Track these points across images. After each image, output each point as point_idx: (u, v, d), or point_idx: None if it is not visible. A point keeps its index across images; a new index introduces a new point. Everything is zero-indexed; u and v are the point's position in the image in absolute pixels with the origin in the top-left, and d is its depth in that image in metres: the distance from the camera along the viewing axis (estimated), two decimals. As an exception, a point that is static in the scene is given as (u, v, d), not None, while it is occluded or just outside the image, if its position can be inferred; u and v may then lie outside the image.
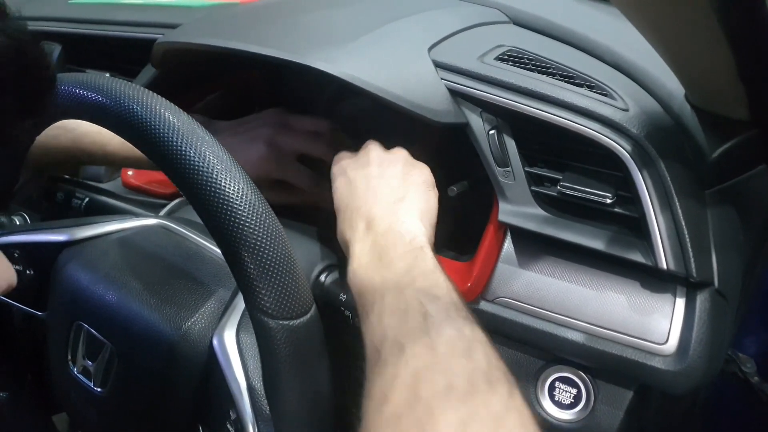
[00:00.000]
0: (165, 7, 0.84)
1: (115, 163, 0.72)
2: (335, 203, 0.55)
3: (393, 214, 0.51)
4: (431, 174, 0.56)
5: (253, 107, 0.84)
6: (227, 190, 0.41)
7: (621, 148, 0.50)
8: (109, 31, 0.80)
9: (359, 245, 0.50)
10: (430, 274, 0.45)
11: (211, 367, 0.49)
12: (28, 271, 0.59)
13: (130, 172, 0.78)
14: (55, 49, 0.84)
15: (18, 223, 0.75)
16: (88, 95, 0.45)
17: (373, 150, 0.58)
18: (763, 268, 0.64)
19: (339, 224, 0.54)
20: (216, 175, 0.41)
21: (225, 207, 0.40)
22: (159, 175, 0.77)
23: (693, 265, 0.47)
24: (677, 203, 0.48)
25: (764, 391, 0.73)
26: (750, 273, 0.59)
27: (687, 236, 0.48)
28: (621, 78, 0.58)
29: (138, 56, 0.76)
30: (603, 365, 0.51)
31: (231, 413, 0.46)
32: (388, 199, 0.52)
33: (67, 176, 0.77)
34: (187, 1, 0.86)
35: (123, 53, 0.80)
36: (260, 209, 0.41)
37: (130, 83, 0.45)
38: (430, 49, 0.59)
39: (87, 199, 0.75)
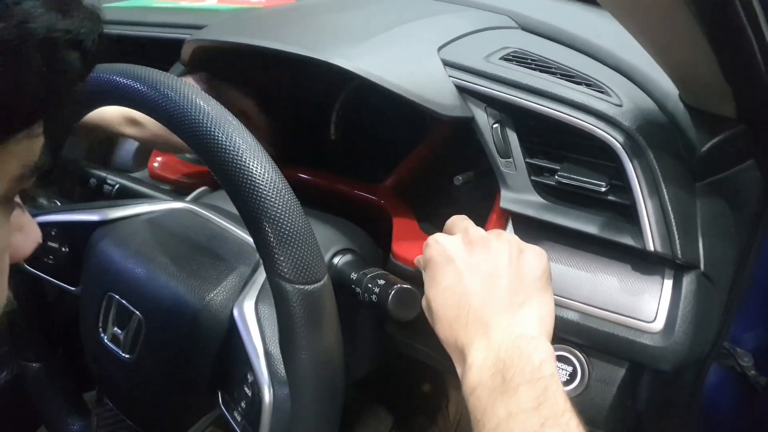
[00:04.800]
0: (193, 11, 0.89)
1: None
2: (436, 291, 0.51)
3: (515, 325, 0.47)
4: (545, 257, 0.52)
5: (275, 105, 0.88)
6: (251, 167, 0.45)
7: (614, 139, 0.53)
8: (141, 32, 0.85)
9: (478, 355, 0.46)
10: (560, 417, 0.41)
11: (231, 334, 0.53)
12: (63, 248, 0.63)
13: (155, 164, 0.83)
14: (90, 49, 0.89)
15: (53, 206, 0.80)
16: (128, 83, 0.50)
17: (474, 231, 0.53)
18: (757, 263, 0.67)
19: (444, 320, 0.49)
20: (242, 155, 0.45)
21: (249, 183, 0.45)
22: (183, 168, 0.82)
23: (678, 248, 0.51)
24: (664, 190, 0.52)
25: (759, 382, 0.75)
26: (742, 264, 0.62)
27: (673, 220, 0.51)
28: (620, 78, 0.62)
29: (168, 56, 0.80)
30: (596, 343, 0.55)
31: (248, 376, 0.50)
32: (506, 301, 0.48)
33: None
34: (215, 5, 0.91)
35: (153, 53, 0.85)
36: (280, 185, 0.45)
37: (164, 72, 0.50)
38: (440, 49, 0.63)
39: (118, 186, 0.80)
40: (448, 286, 0.50)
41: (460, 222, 0.56)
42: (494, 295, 0.48)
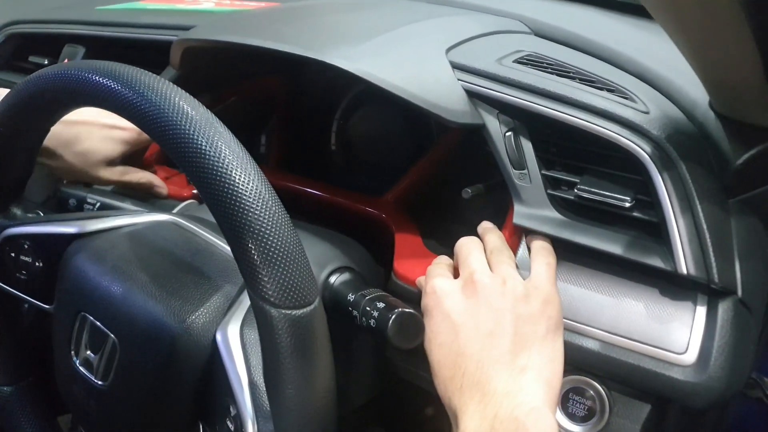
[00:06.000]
0: (186, 12, 0.85)
1: None
2: (432, 346, 0.47)
3: (515, 392, 0.43)
4: (557, 304, 0.48)
5: (272, 113, 0.84)
6: (234, 176, 0.40)
7: (641, 149, 0.48)
8: (131, 34, 0.81)
9: (471, 423, 0.42)
10: None
11: (214, 361, 0.48)
12: (37, 263, 0.58)
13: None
14: (79, 51, 0.86)
15: (32, 218, 0.75)
16: (102, 81, 0.45)
17: (480, 274, 0.48)
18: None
19: (440, 377, 0.46)
20: (224, 161, 0.40)
21: (231, 193, 0.40)
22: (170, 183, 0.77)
23: (715, 271, 0.46)
24: (699, 207, 0.46)
25: (790, 417, 0.70)
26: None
27: (709, 240, 0.46)
28: (643, 86, 0.57)
29: (159, 59, 0.76)
30: (619, 376, 0.49)
31: (231, 409, 0.45)
32: (507, 365, 0.44)
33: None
34: (212, 8, 0.87)
35: (145, 55, 0.81)
36: (267, 197, 0.40)
37: (144, 71, 0.45)
38: (448, 50, 0.58)
39: (98, 204, 0.76)
40: (444, 344, 0.46)
41: (467, 255, 0.51)
42: (493, 358, 0.44)
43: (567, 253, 0.52)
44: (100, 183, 0.70)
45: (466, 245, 0.52)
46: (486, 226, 0.56)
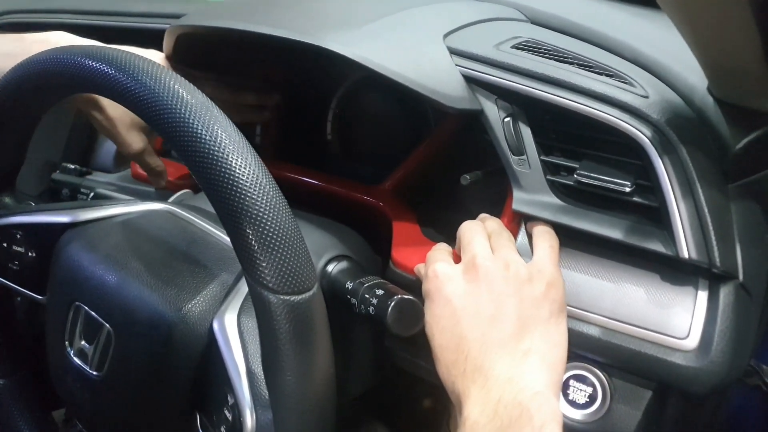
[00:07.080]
0: (180, 0, 0.84)
1: None
2: (434, 330, 0.47)
3: (518, 376, 0.42)
4: (560, 286, 0.48)
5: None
6: (231, 160, 0.39)
7: (641, 134, 0.48)
8: (124, 22, 0.80)
9: (474, 408, 0.42)
10: None
11: (211, 350, 0.47)
12: (29, 253, 0.58)
13: (139, 164, 0.77)
14: (70, 41, 0.84)
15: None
16: (98, 66, 0.44)
17: (482, 258, 0.47)
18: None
19: (442, 362, 0.46)
20: (220, 145, 0.40)
21: (228, 177, 0.39)
22: (170, 169, 0.76)
23: (716, 255, 0.45)
24: (700, 190, 0.46)
25: (788, 404, 0.70)
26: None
27: (710, 224, 0.45)
28: (641, 71, 0.57)
29: (153, 47, 0.75)
30: (620, 362, 0.49)
31: (229, 398, 0.45)
32: (510, 349, 0.44)
33: (75, 166, 0.77)
34: (205, -4, 0.86)
35: (138, 43, 0.80)
36: (264, 182, 0.40)
37: (139, 55, 0.44)
38: (446, 36, 0.58)
39: (92, 194, 0.75)
40: (446, 328, 0.46)
41: (471, 239, 0.50)
42: (495, 341, 0.44)
43: (567, 238, 0.52)
44: (128, 149, 0.68)
45: (470, 229, 0.51)
46: (483, 216, 0.56)
